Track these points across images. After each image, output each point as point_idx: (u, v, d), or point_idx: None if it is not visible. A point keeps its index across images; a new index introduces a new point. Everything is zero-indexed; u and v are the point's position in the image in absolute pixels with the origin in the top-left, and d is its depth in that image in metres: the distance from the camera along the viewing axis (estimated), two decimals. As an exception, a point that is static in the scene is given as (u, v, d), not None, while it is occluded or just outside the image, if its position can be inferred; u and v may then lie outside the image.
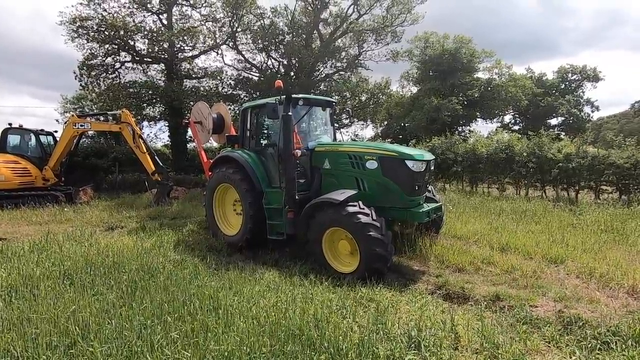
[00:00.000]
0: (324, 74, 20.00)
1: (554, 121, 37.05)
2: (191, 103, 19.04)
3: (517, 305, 4.33)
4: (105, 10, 16.63)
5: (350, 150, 6.33)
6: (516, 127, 37.75)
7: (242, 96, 19.56)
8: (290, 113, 6.25)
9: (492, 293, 4.72)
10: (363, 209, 5.32)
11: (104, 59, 18.37)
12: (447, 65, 28.67)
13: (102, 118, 13.66)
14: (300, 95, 7.02)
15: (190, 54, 20.76)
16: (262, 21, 19.39)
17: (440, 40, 29.47)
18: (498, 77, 31.41)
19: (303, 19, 20.14)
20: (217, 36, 20.55)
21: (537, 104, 34.48)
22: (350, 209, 5.29)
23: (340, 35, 20.14)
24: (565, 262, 5.73)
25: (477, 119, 31.20)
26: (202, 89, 20.19)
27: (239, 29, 19.97)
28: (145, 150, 12.49)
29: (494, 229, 7.76)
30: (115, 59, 18.71)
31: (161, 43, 18.50)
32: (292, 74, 20.14)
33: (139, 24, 17.98)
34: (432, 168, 6.12)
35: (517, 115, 39.10)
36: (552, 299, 4.49)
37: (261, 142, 7.47)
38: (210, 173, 8.23)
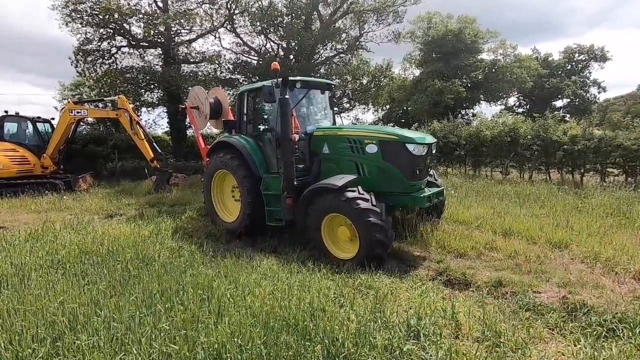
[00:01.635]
0: (324, 57, 19.54)
1: (559, 103, 36.46)
2: (189, 88, 18.77)
3: (519, 291, 4.23)
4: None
5: (350, 134, 6.15)
6: (520, 110, 37.21)
7: (240, 80, 19.20)
8: (287, 96, 6.03)
9: (494, 279, 4.61)
10: (362, 194, 5.18)
11: (99, 43, 17.99)
12: (451, 46, 27.98)
13: (100, 105, 13.42)
14: (298, 78, 6.79)
15: (187, 38, 20.32)
16: (260, 2, 18.83)
17: (444, 21, 28.69)
18: (503, 58, 30.71)
19: (302, -1, 19.55)
20: (214, 19, 20.05)
21: (542, 86, 33.81)
22: (349, 195, 5.16)
23: (341, 16, 19.56)
24: (569, 247, 5.60)
25: (481, 102, 30.72)
26: (200, 73, 19.79)
27: (236, 11, 19.44)
28: (143, 137, 12.33)
29: (496, 214, 7.62)
30: (110, 43, 18.31)
31: (157, 26, 18.05)
32: (291, 57, 19.69)
33: (134, 7, 17.49)
34: (434, 152, 5.94)
35: (521, 98, 38.46)
36: (556, 285, 4.38)
37: (259, 127, 7.28)
38: (207, 159, 8.09)
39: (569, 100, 35.62)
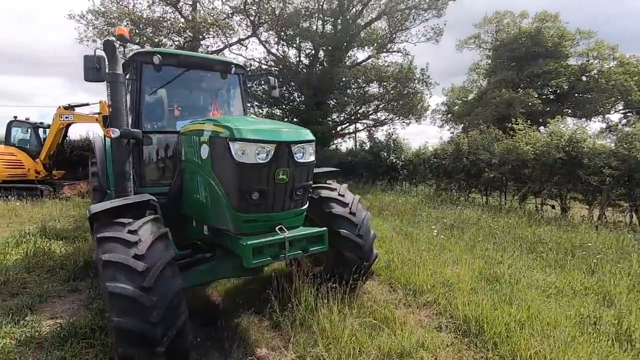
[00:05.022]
0: (354, 61, 17.14)
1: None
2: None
3: None
4: (118, 3, 16.38)
5: (194, 129, 3.78)
6: (627, 129, 29.39)
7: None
8: (118, 72, 3.92)
9: None
10: (134, 231, 2.77)
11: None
12: (525, 50, 23.19)
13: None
14: (158, 50, 4.71)
15: (215, 49, 19.97)
16: (285, 7, 17.47)
17: (516, 20, 24.07)
18: (599, 62, 24.49)
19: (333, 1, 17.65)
20: (244, 27, 19.41)
21: (659, 98, 26.14)
22: (100, 233, 2.78)
23: (375, 19, 17.07)
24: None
25: (566, 117, 24.69)
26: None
27: (264, 18, 18.46)
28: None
29: (488, 278, 4.35)
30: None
31: (184, 36, 17.92)
32: (317, 64, 17.77)
33: (160, 18, 17.54)
34: (306, 160, 3.16)
35: (630, 113, 30.49)
36: None
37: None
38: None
39: (702, 116, 26.95)
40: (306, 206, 3.34)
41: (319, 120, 15.88)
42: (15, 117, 13.43)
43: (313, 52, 18.24)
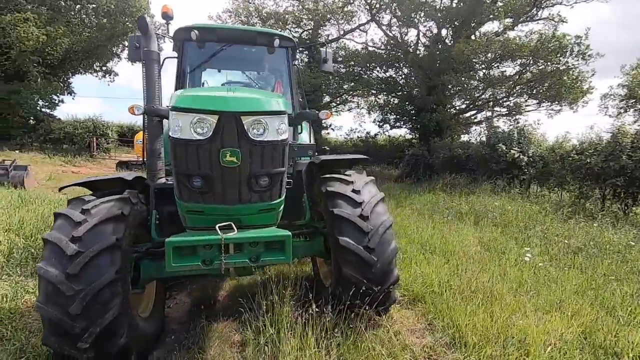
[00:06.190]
0: (483, 35, 14.37)
1: None
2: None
3: None
4: (248, 2, 17.87)
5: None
6: None
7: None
8: (152, 49, 3.96)
9: None
10: (86, 210, 2.59)
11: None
12: None
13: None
14: (196, 24, 4.52)
15: (336, 37, 20.04)
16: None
17: None
18: None
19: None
20: (365, 12, 18.86)
21: None
22: (61, 209, 2.70)
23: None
24: None
25: None
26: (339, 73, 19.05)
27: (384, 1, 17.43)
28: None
29: (597, 349, 2.65)
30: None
31: (303, 27, 18.59)
32: (439, 44, 15.69)
33: (284, 11, 18.54)
34: (277, 138, 2.30)
35: None
36: None
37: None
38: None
39: None
40: (279, 200, 2.55)
41: (433, 107, 13.95)
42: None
43: (435, 30, 16.17)
